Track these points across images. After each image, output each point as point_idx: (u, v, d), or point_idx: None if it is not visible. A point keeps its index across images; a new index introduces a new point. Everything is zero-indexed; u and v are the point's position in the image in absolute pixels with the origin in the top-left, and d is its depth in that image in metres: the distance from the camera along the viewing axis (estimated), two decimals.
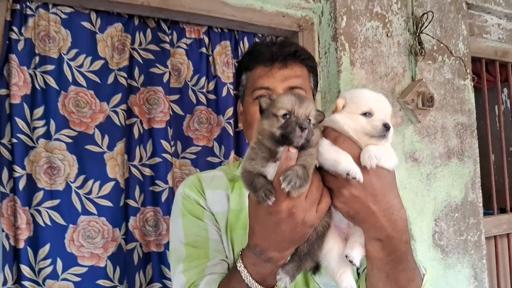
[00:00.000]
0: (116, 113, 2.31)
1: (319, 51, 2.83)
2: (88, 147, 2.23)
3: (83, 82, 2.25)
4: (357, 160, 1.09)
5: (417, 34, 2.97)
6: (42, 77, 2.15)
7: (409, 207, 2.79)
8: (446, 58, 3.16)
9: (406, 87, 2.93)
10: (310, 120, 1.14)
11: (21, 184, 2.04)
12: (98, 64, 2.30)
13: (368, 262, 1.22)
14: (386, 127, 1.12)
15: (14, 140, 2.04)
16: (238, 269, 1.27)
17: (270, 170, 1.13)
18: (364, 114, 1.15)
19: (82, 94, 2.24)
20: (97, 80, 2.28)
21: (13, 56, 2.07)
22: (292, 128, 1.09)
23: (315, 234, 1.19)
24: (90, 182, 2.21)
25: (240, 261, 1.27)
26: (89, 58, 2.28)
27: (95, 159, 2.23)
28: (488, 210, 3.70)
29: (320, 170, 1.16)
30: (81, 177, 2.20)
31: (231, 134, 2.61)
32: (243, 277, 1.25)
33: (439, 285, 2.98)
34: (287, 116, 1.12)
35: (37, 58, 2.15)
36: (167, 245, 2.30)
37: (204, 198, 1.60)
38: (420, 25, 2.98)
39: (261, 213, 1.16)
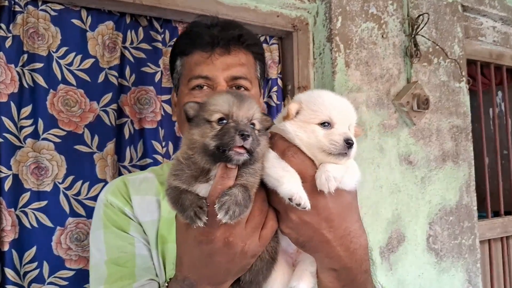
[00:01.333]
0: (106, 112, 2.25)
1: (313, 52, 2.79)
2: (77, 147, 2.17)
3: (73, 81, 2.19)
4: (310, 180, 0.93)
5: (413, 36, 2.96)
6: (30, 75, 2.09)
7: (404, 210, 2.79)
8: (441, 60, 3.14)
9: (401, 89, 2.90)
10: (254, 124, 0.94)
11: (7, 184, 1.98)
12: (88, 63, 2.24)
13: None
14: (348, 143, 0.93)
15: (0, 140, 1.98)
16: None
17: (201, 191, 0.93)
18: (322, 124, 0.96)
19: (71, 93, 2.18)
20: (87, 78, 2.23)
21: (0, 54, 2.01)
22: (231, 137, 0.87)
23: (260, 262, 1.01)
24: (79, 183, 2.15)
25: None
26: (79, 56, 2.22)
27: (84, 159, 2.17)
28: (481, 213, 3.69)
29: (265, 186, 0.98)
30: (70, 178, 2.13)
31: None
32: None
33: None
34: (224, 121, 0.92)
35: (25, 56, 2.09)
36: None
37: (130, 206, 1.39)
38: (415, 27, 2.96)
39: (190, 241, 0.96)
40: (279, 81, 2.75)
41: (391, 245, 2.79)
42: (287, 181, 0.90)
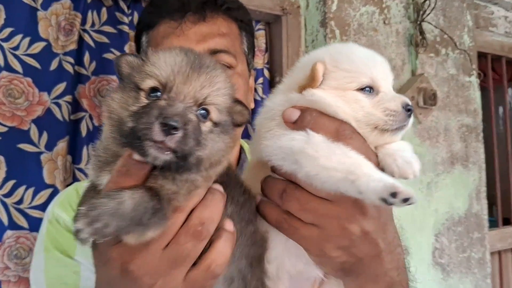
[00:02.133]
0: (59, 105, 1.98)
1: (305, 39, 2.53)
2: (21, 146, 1.90)
3: (19, 68, 1.94)
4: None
5: (418, 22, 2.71)
6: None
7: (407, 220, 2.55)
8: (450, 51, 2.89)
9: (406, 82, 2.66)
10: (207, 111, 0.66)
11: None
12: (38, 47, 1.99)
13: None
14: (409, 109, 0.73)
15: None
16: None
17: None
18: (362, 89, 0.73)
19: (16, 82, 1.92)
20: (37, 65, 1.98)
21: None
22: (148, 123, 0.59)
23: None
24: (21, 189, 1.87)
25: None
26: (27, 39, 1.97)
27: (29, 160, 1.90)
28: (490, 218, 3.41)
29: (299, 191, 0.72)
30: (10, 183, 1.85)
31: None
32: None
33: None
34: (158, 93, 0.64)
35: None
36: None
37: None
38: (421, 12, 2.72)
39: (96, 258, 0.75)
40: (266, 72, 2.48)
41: None
42: (370, 171, 0.65)
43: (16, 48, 1.93)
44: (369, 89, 0.73)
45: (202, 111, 0.65)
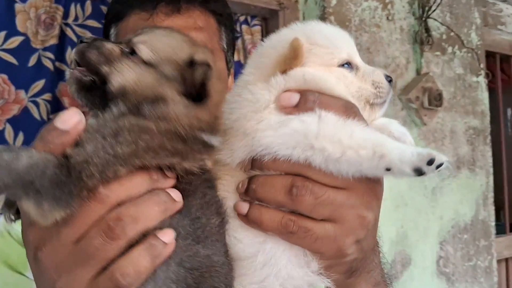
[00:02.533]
0: (37, 104, 1.93)
1: None
2: None
3: None
4: None
5: (424, 19, 2.66)
6: None
7: (410, 227, 2.54)
8: (456, 50, 2.84)
9: (410, 81, 2.60)
10: (134, 52, 0.66)
11: None
12: (15, 41, 1.94)
13: None
14: (390, 80, 0.74)
15: None
16: None
17: None
18: (342, 65, 0.72)
19: None
20: (13, 61, 1.92)
21: None
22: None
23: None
24: None
25: None
26: (2, 33, 1.91)
27: None
28: (498, 223, 3.35)
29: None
30: None
31: None
32: None
33: None
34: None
35: None
36: None
37: None
38: (427, 8, 2.67)
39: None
40: None
41: (394, 270, 2.49)
42: (397, 144, 0.63)
43: None
44: (347, 65, 0.72)
45: (129, 48, 0.66)
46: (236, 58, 2.31)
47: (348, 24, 2.39)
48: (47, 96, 1.95)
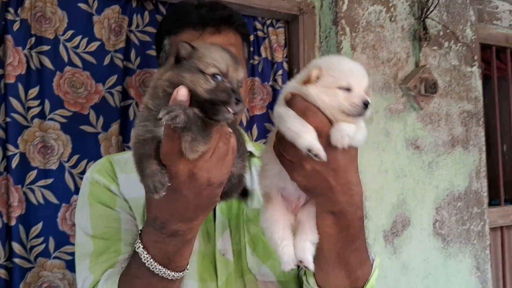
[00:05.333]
0: (112, 94, 2.29)
1: (320, 36, 2.78)
2: (83, 127, 2.23)
3: (79, 63, 2.23)
4: (325, 136, 1.01)
5: (422, 19, 2.91)
6: (38, 58, 2.15)
7: (409, 195, 2.79)
8: (452, 44, 3.09)
9: (409, 73, 2.87)
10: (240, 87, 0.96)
11: (14, 162, 2.05)
12: (94, 45, 2.29)
13: (319, 240, 1.12)
14: (366, 104, 1.03)
15: (8, 119, 2.06)
16: (137, 250, 1.05)
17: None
18: (341, 88, 1.04)
19: (77, 75, 2.24)
20: (93, 61, 2.28)
21: (9, 37, 2.07)
22: (227, 97, 0.88)
23: (233, 178, 1.05)
24: (84, 162, 2.21)
25: (139, 240, 1.06)
26: (85, 39, 2.27)
27: (89, 139, 2.23)
28: (495, 201, 3.64)
29: (280, 138, 1.06)
30: (75, 157, 2.20)
31: None
32: (142, 259, 1.03)
33: (439, 274, 2.95)
34: (219, 77, 0.91)
35: (33, 39, 2.15)
36: None
37: (116, 183, 1.40)
38: (425, 9, 2.91)
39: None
40: (285, 65, 2.76)
41: (395, 229, 2.79)
42: (307, 136, 0.99)
43: (77, 47, 2.23)
44: (346, 89, 1.03)
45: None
46: (264, 55, 2.67)
47: (357, 26, 2.69)
48: (118, 88, 2.28)
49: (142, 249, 1.04)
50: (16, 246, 2.03)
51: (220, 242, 1.37)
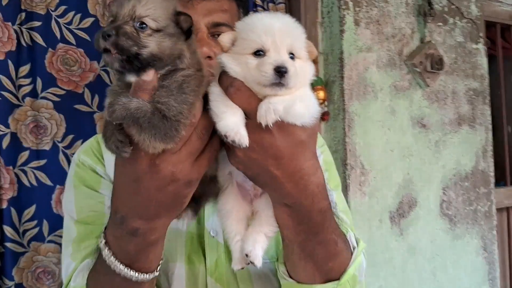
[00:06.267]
0: (107, 72, 2.20)
1: (322, 11, 2.70)
2: (77, 106, 2.14)
3: (72, 40, 2.15)
4: (254, 115, 0.84)
5: None
6: (29, 34, 2.06)
7: (415, 174, 2.73)
8: (457, 21, 3.03)
9: (415, 49, 2.80)
10: (144, 24, 0.82)
11: (5, 142, 1.97)
12: (88, 22, 2.20)
13: (280, 231, 1.00)
14: (280, 71, 0.82)
15: None
16: (99, 245, 0.97)
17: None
18: (256, 53, 0.85)
19: (71, 52, 2.14)
20: (87, 38, 2.18)
21: None
22: (100, 36, 0.80)
23: (201, 187, 0.94)
24: (79, 142, 2.11)
25: (103, 234, 0.97)
26: (78, 15, 2.17)
27: (84, 118, 2.15)
28: (502, 182, 3.59)
29: None
30: (69, 137, 2.11)
31: None
32: (103, 256, 0.95)
33: (445, 255, 2.90)
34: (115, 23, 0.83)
35: (23, 14, 2.05)
36: None
37: (102, 164, 1.32)
38: None
39: (118, 163, 0.90)
40: None
41: (402, 210, 2.73)
42: (226, 117, 0.83)
43: (70, 23, 2.14)
44: (261, 53, 0.84)
45: (141, 24, 0.82)
46: None
47: (360, 0, 2.63)
48: None
49: (103, 244, 0.95)
50: (8, 230, 1.95)
51: (210, 222, 1.28)
